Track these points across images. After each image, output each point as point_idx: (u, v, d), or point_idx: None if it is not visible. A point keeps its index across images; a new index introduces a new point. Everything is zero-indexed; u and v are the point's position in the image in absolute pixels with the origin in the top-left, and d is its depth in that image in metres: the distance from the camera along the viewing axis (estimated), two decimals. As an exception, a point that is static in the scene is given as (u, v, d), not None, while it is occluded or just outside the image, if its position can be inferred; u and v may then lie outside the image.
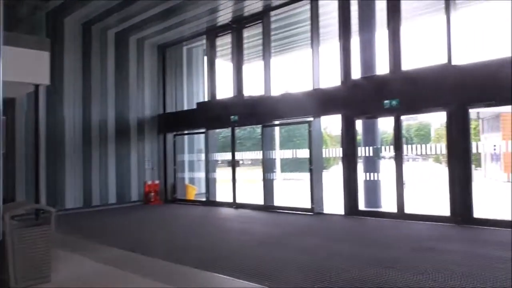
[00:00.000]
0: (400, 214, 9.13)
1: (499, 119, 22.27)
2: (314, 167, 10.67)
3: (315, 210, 10.52)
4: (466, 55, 8.67)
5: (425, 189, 13.44)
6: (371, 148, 10.45)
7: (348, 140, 10.15)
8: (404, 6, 9.62)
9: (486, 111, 24.60)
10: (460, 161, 8.37)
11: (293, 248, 6.77)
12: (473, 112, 8.74)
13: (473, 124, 32.08)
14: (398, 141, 9.35)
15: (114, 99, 13.81)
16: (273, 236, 7.98)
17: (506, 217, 8.10)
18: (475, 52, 9.55)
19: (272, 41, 12.37)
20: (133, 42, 14.39)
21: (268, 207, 11.55)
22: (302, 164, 12.00)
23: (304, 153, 11.23)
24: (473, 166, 8.46)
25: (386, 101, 9.30)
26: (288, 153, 12.28)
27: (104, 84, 13.53)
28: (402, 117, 9.43)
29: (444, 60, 8.62)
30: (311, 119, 10.77)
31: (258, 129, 13.50)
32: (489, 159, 24.88)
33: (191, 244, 7.29)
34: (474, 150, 8.62)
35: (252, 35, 13.10)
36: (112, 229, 9.38)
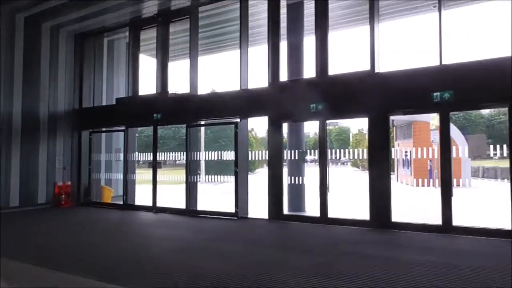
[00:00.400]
0: (324, 219, 9.14)
1: (411, 127, 23.89)
2: (240, 169, 10.38)
3: (240, 214, 10.21)
4: (391, 63, 8.94)
5: (346, 193, 13.80)
6: (296, 151, 10.41)
7: (275, 143, 10.00)
8: (332, 13, 9.75)
9: (400, 119, 26.30)
10: (380, 166, 8.57)
11: (212, 255, 6.36)
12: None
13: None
14: (323, 145, 9.37)
15: (21, 90, 12.37)
16: (191, 242, 7.50)
17: (421, 221, 8.44)
18: (402, 60, 9.91)
19: (201, 38, 11.89)
20: (46, 29, 13.04)
21: (190, 211, 11.02)
22: (228, 167, 11.66)
23: (230, 155, 10.90)
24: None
25: (312, 105, 9.28)
26: (213, 155, 11.86)
27: (9, 73, 12.06)
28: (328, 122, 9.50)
29: (367, 67, 8.79)
30: (238, 120, 10.47)
31: (183, 129, 12.90)
32: (401, 165, 26.58)
33: (91, 252, 6.56)
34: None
35: (179, 30, 12.50)
36: None
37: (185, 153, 11.45)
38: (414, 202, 11.88)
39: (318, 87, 9.37)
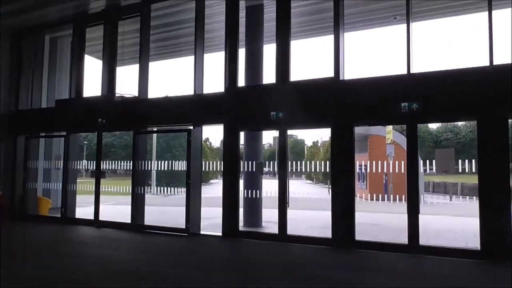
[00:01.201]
0: (282, 236, 8.42)
1: (367, 141, 23.90)
2: (192, 181, 9.48)
3: (191, 230, 9.29)
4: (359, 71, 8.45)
5: (305, 208, 13.21)
6: (254, 162, 9.68)
7: (230, 153, 9.22)
8: (294, 19, 9.19)
9: (356, 132, 26.24)
10: (343, 181, 7.99)
11: (148, 281, 5.44)
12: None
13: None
14: (283, 156, 8.70)
15: None
16: (128, 265, 6.52)
17: (386, 239, 7.94)
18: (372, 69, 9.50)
19: (154, 41, 10.97)
20: (-24, 23, 11.62)
21: (136, 226, 9.95)
22: (181, 178, 10.74)
23: (182, 165, 9.99)
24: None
25: (272, 113, 8.60)
26: (164, 165, 10.89)
27: None
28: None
29: (331, 74, 8.24)
30: (191, 127, 9.60)
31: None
32: (356, 179, 26.50)
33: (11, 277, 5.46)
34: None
35: (130, 31, 11.47)
36: None
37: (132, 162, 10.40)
38: (374, 218, 11.46)
39: (279, 94, 8.72)
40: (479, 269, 6.42)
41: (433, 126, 47.32)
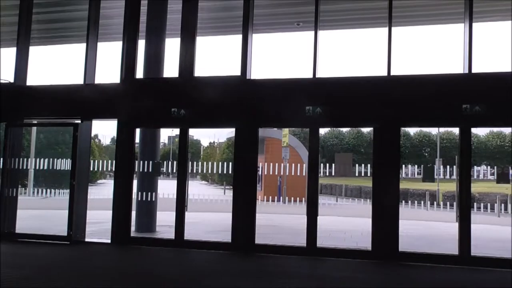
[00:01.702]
0: (179, 242, 7.84)
1: (264, 143, 24.31)
2: (78, 182, 8.39)
3: (74, 237, 8.19)
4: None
5: (202, 210, 12.77)
6: (151, 162, 8.94)
7: (124, 151, 8.35)
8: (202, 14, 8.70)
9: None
10: (246, 182, 7.73)
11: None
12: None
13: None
14: (183, 156, 8.14)
15: None
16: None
17: (285, 242, 7.88)
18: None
19: (37, 22, 9.52)
20: None
21: (5, 234, 8.46)
22: (64, 178, 9.46)
23: (66, 164, 8.81)
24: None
25: (173, 109, 7.99)
26: (45, 163, 9.49)
27: None
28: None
29: (238, 73, 7.95)
30: (79, 121, 8.50)
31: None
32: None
33: None
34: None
35: (8, 6, 9.81)
36: None
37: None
38: (270, 220, 11.50)
39: (181, 89, 8.16)
40: (376, 270, 6.66)
41: (321, 131, 50.50)
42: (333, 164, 8.06)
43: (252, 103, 7.80)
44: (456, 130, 7.68)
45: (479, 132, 39.51)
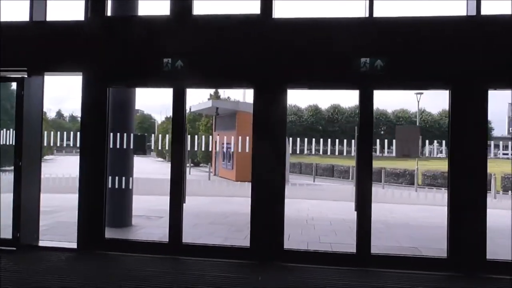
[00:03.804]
0: (174, 247, 5.58)
1: (235, 118, 22.13)
2: (27, 162, 5.87)
3: (23, 241, 5.76)
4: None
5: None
6: (127, 135, 6.55)
7: (95, 119, 5.88)
8: None
9: (223, 108, 24.33)
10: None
11: None
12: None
13: (204, 121, 32.09)
14: (180, 130, 5.77)
15: None
16: None
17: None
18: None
19: None
20: None
21: None
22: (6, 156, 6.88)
23: (6, 137, 6.26)
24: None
25: (166, 60, 5.56)
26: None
27: None
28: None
29: (257, 10, 5.59)
30: (25, 75, 5.91)
31: None
32: (221, 158, 24.62)
33: None
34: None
35: None
36: None
37: None
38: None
39: (177, 32, 5.72)
40: None
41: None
42: (393, 141, 5.95)
43: (278, 53, 5.51)
44: None
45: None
